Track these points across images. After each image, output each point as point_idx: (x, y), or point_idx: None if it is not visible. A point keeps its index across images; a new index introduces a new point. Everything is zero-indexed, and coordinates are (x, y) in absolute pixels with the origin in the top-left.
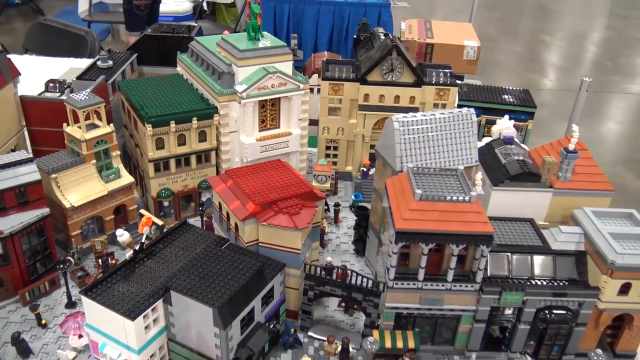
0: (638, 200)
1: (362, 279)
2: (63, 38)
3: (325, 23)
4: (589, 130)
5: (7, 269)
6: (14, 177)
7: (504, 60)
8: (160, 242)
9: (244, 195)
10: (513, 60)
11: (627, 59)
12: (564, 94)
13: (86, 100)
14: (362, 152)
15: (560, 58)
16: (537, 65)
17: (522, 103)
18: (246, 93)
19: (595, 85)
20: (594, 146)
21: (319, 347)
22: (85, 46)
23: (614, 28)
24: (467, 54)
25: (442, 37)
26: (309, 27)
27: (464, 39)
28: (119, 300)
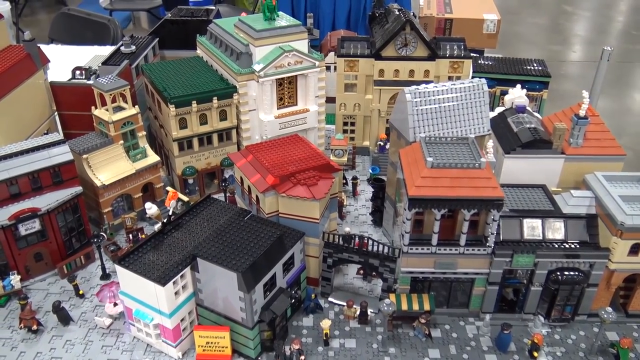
0: None
1: (379, 246)
2: (86, 27)
3: (343, 2)
4: (613, 101)
5: (46, 244)
6: (48, 157)
7: (527, 33)
8: (186, 215)
9: (263, 168)
10: (536, 33)
11: None
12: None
13: (112, 83)
14: (378, 126)
15: (583, 28)
16: (560, 36)
17: (536, 73)
18: (264, 72)
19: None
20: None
21: (339, 312)
22: (108, 34)
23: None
24: (487, 27)
25: (461, 12)
26: (326, 7)
27: (483, 12)
28: (150, 268)
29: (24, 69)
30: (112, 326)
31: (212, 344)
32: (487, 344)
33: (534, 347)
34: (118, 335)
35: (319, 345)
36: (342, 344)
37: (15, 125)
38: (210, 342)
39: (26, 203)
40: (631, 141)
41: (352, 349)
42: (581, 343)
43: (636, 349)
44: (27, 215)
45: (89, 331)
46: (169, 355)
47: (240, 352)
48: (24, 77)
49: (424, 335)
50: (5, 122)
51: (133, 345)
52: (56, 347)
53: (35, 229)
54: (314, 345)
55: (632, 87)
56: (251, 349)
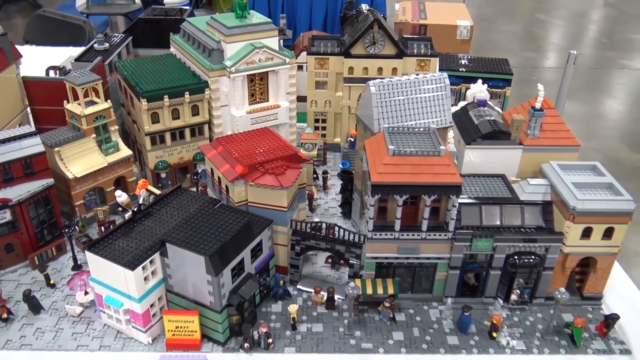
0: (632, 172)
1: (345, 232)
2: (62, 29)
3: (319, 6)
4: (584, 106)
5: (17, 235)
6: (20, 149)
7: (502, 40)
8: (157, 205)
9: (232, 159)
10: (510, 40)
11: (625, 35)
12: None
13: (84, 77)
14: (349, 123)
15: (556, 36)
16: (533, 43)
17: (499, 71)
18: (235, 68)
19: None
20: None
21: (307, 299)
22: (84, 36)
23: (612, 5)
24: (460, 33)
25: (435, 18)
26: (302, 11)
27: (456, 19)
28: (120, 254)
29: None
30: (83, 314)
31: (182, 329)
32: (449, 327)
33: (493, 328)
34: (89, 323)
35: (287, 329)
36: (310, 328)
37: None
38: (180, 327)
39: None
40: (601, 145)
41: (318, 333)
42: (538, 324)
43: (589, 328)
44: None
45: (59, 319)
46: (139, 340)
47: (209, 337)
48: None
49: (388, 319)
50: None
51: (103, 332)
52: (26, 335)
53: (6, 220)
54: (282, 330)
55: (602, 93)
56: (220, 332)
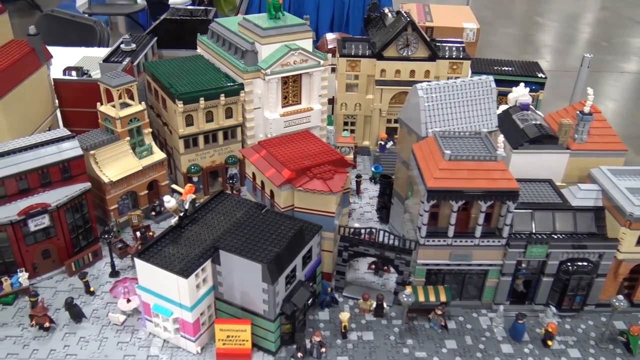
0: None
1: (394, 238)
2: (72, 28)
3: (326, 9)
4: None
5: (54, 240)
6: (58, 152)
7: (500, 43)
8: (202, 210)
9: (278, 163)
10: (509, 42)
11: (621, 39)
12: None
13: (119, 79)
14: (379, 126)
15: (555, 39)
16: (532, 46)
17: (532, 74)
18: (270, 70)
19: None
20: None
21: (354, 306)
22: (94, 35)
23: (608, 9)
24: (467, 36)
25: (441, 20)
26: (310, 13)
27: (462, 21)
28: (171, 261)
29: (29, 63)
30: (126, 322)
31: (233, 338)
32: (501, 334)
33: (547, 336)
34: (133, 332)
35: (336, 338)
36: (360, 337)
37: (20, 121)
38: (231, 336)
39: (35, 198)
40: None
41: (370, 341)
42: (591, 332)
43: None
44: (37, 211)
45: (102, 328)
46: (187, 350)
47: (259, 346)
48: (29, 72)
49: (439, 327)
50: (12, 117)
51: (149, 341)
52: (70, 344)
53: (45, 225)
54: (332, 338)
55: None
56: (271, 342)
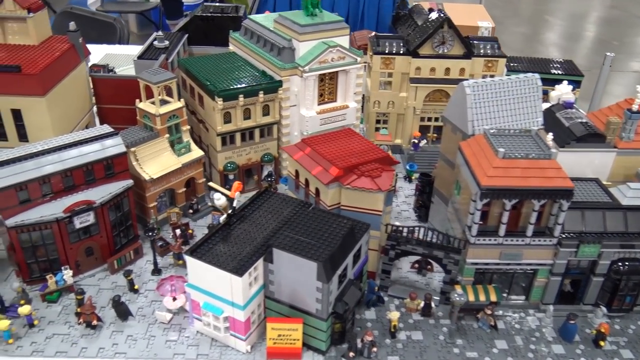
0: None
1: (443, 237)
2: (91, 25)
3: (341, 7)
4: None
5: (97, 238)
6: (102, 149)
7: (511, 42)
8: (248, 207)
9: (325, 160)
10: (520, 41)
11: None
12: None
13: (160, 75)
14: (412, 124)
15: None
16: (542, 45)
17: (569, 72)
18: (308, 67)
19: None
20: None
21: (400, 305)
22: (114, 33)
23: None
24: (482, 34)
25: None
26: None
27: (477, 19)
28: (223, 259)
29: (70, 60)
30: (173, 321)
31: (284, 337)
32: (551, 335)
33: (599, 337)
34: (180, 330)
35: (385, 337)
36: (409, 336)
37: (62, 118)
38: (282, 335)
39: (79, 196)
40: None
41: (419, 341)
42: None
43: None
44: (82, 208)
45: (149, 326)
46: (236, 349)
47: (309, 345)
48: (70, 69)
49: (488, 327)
50: (55, 113)
51: (198, 339)
52: (118, 343)
53: (89, 222)
54: (380, 338)
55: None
56: (322, 341)
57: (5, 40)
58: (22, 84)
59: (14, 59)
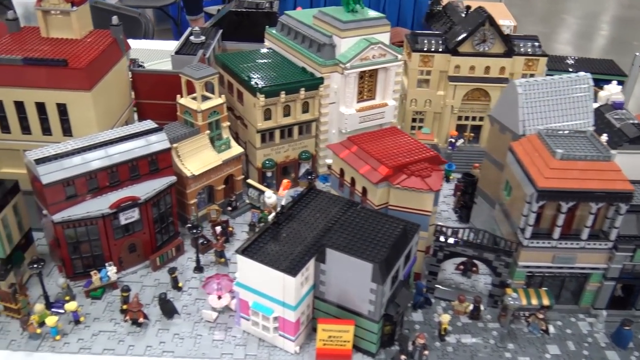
0: None
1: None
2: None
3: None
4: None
5: (140, 234)
6: (146, 145)
7: None
8: (296, 206)
9: (373, 159)
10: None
11: None
12: None
13: (202, 71)
14: (449, 123)
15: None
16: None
17: (611, 72)
18: (350, 64)
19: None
20: None
21: (447, 307)
22: (139, 28)
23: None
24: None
25: None
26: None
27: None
28: (275, 259)
29: (113, 54)
30: (218, 320)
31: (335, 338)
32: (604, 340)
33: None
34: (226, 329)
35: (434, 340)
36: (458, 340)
37: (106, 113)
38: (333, 336)
39: (124, 191)
40: None
41: (469, 345)
42: None
43: None
44: (129, 204)
45: (194, 324)
46: (285, 349)
47: (358, 347)
48: (113, 63)
49: (539, 331)
50: (99, 108)
51: (245, 339)
52: (165, 341)
53: (134, 219)
54: (429, 341)
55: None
56: (373, 343)
57: (48, 34)
58: (69, 78)
59: (58, 53)
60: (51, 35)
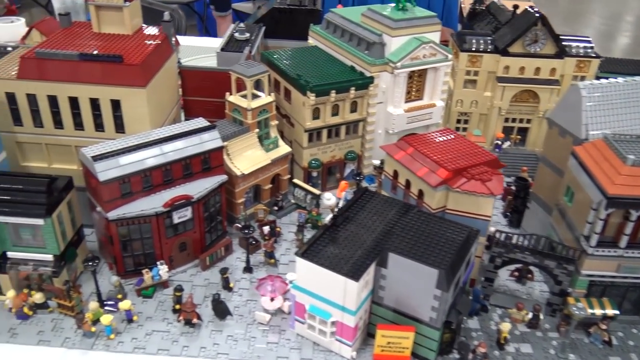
0: None
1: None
2: (147, 16)
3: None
4: None
5: (190, 233)
6: (200, 143)
7: None
8: (352, 208)
9: (432, 162)
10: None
11: None
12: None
13: (253, 69)
14: (496, 125)
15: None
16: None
17: None
18: (400, 63)
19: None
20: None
21: (503, 315)
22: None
23: None
24: None
25: None
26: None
27: None
28: (336, 262)
29: (164, 50)
30: (271, 322)
31: (393, 345)
32: None
33: None
34: (280, 332)
35: (492, 349)
36: (517, 349)
37: (157, 110)
38: (392, 343)
39: (177, 190)
40: None
41: (529, 354)
42: None
43: None
44: (182, 203)
45: (247, 326)
46: (340, 354)
47: (416, 354)
48: (164, 59)
49: (601, 342)
50: (152, 105)
51: (299, 343)
52: (219, 343)
53: (187, 218)
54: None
55: None
56: (432, 350)
57: (99, 30)
58: (124, 74)
59: (111, 49)
60: (102, 31)
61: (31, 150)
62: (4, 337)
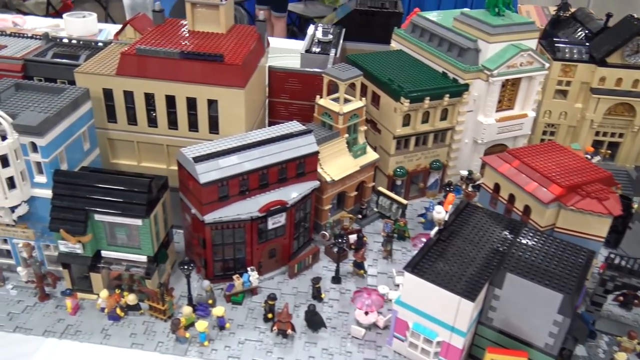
0: None
1: None
2: None
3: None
4: None
5: (281, 240)
6: (295, 147)
7: None
8: (456, 222)
9: (542, 177)
10: None
11: None
12: None
13: (349, 72)
14: (586, 138)
15: None
16: None
17: None
18: (497, 71)
19: None
20: None
21: (610, 342)
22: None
23: None
24: None
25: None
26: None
27: None
28: (448, 279)
29: (259, 50)
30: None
31: None
32: None
33: None
34: (375, 348)
35: None
36: None
37: (250, 111)
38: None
39: (272, 195)
40: None
41: None
42: None
43: None
44: (278, 209)
45: (341, 340)
46: None
47: None
48: (258, 60)
49: None
50: (248, 106)
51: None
52: (314, 356)
53: (281, 224)
54: None
55: None
56: None
57: (193, 28)
58: (224, 73)
59: (209, 47)
60: (197, 29)
61: (122, 148)
62: (97, 338)
